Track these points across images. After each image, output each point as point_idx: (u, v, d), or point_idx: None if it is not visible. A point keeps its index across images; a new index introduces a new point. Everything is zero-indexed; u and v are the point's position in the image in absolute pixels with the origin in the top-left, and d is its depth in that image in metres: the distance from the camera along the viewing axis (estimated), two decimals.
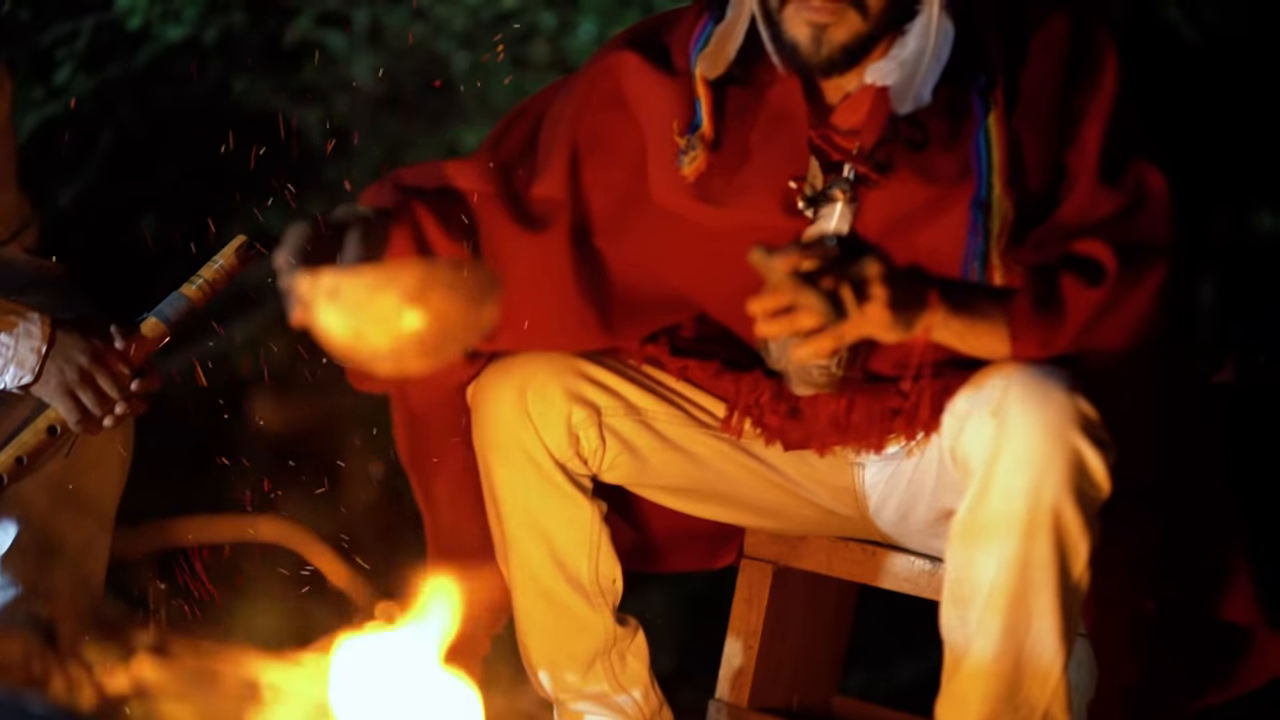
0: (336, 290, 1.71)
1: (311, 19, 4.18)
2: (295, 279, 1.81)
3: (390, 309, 1.70)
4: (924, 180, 2.11)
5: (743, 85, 2.18)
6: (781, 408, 2.26)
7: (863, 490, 2.32)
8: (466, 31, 4.07)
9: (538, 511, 2.27)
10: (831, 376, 2.22)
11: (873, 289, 1.91)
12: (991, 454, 2.00)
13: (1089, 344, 2.06)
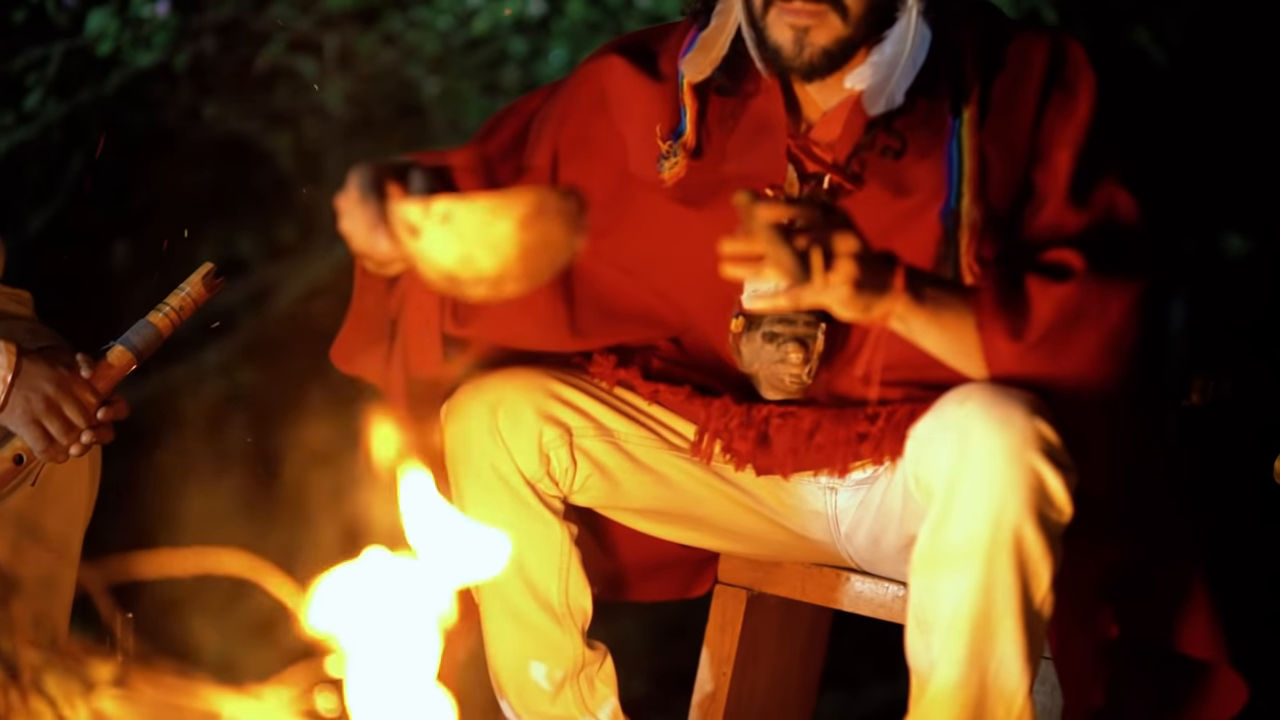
0: (451, 215, 1.78)
1: (282, 45, 4.18)
2: (403, 207, 1.83)
3: (502, 234, 1.78)
4: (897, 190, 2.14)
5: (728, 95, 2.22)
6: (750, 434, 2.26)
7: (835, 516, 2.32)
8: (437, 57, 4.08)
9: (508, 531, 2.26)
10: (801, 384, 2.23)
11: (841, 262, 1.92)
12: (952, 478, 2.00)
13: (1063, 355, 2.05)
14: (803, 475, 2.30)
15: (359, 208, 1.94)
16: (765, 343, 2.22)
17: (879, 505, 2.25)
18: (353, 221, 1.97)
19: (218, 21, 4.07)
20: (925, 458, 2.05)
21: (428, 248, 1.80)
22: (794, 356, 2.21)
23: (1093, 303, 2.05)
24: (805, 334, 2.20)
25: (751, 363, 2.26)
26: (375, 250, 1.95)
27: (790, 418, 2.26)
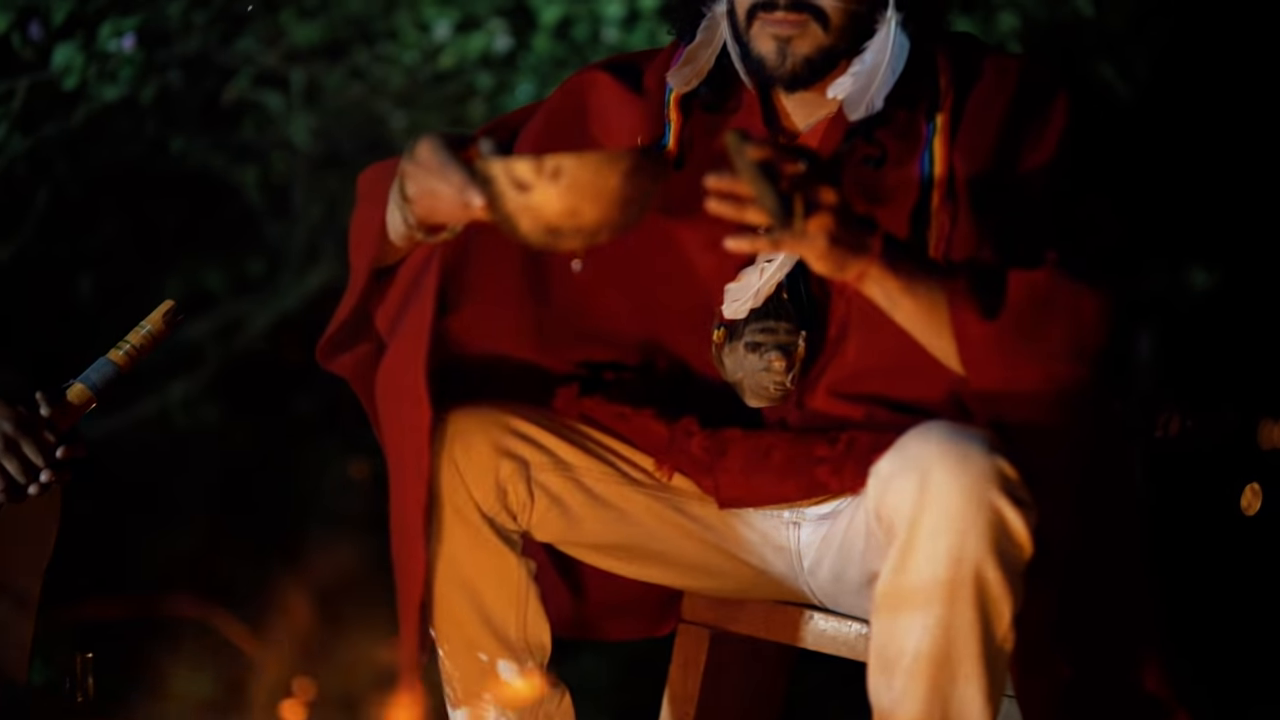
0: (561, 170, 1.89)
1: (249, 79, 4.17)
2: (514, 163, 1.92)
3: (608, 187, 1.90)
4: (874, 198, 2.17)
5: (711, 110, 2.26)
6: (713, 447, 2.27)
7: (797, 551, 2.32)
8: (404, 91, 4.08)
9: (465, 565, 2.26)
10: (785, 390, 2.24)
11: (821, 215, 1.95)
12: (913, 515, 2.01)
13: (1033, 343, 2.06)
14: (766, 509, 2.30)
15: (445, 168, 1.99)
16: (748, 352, 2.24)
17: (841, 541, 2.25)
18: (435, 183, 2.00)
19: (184, 56, 4.07)
20: (887, 495, 2.05)
21: (537, 201, 1.90)
22: (777, 364, 2.23)
23: (1065, 296, 2.07)
24: (787, 342, 2.23)
25: (735, 372, 2.27)
26: (454, 211, 2.00)
27: (751, 438, 2.26)
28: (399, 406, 2.23)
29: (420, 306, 2.20)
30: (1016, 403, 2.10)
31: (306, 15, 4.09)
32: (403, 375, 2.21)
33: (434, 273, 2.19)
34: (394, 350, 2.24)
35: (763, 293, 2.24)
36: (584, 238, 1.96)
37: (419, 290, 2.22)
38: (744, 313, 2.25)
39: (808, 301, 2.25)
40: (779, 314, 2.24)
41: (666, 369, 2.36)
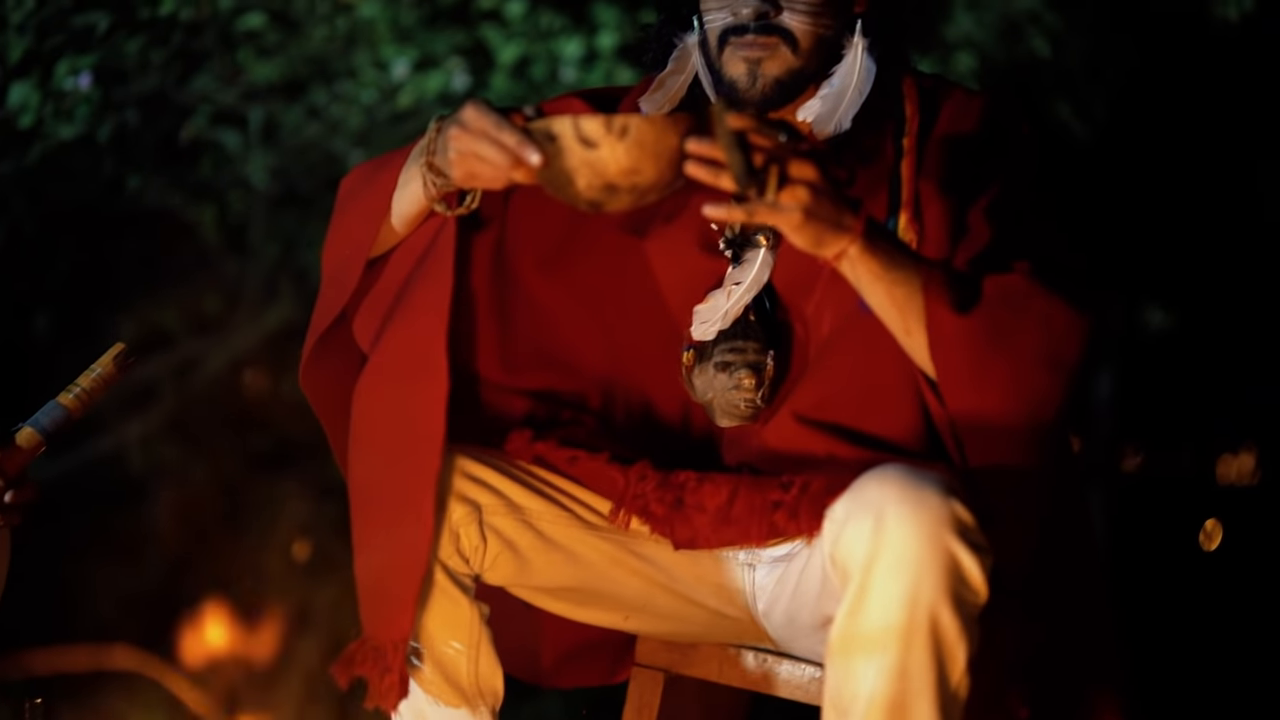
0: (628, 129, 1.95)
1: (206, 117, 4.17)
2: (583, 120, 1.96)
3: (669, 148, 1.96)
4: None
5: None
6: (668, 497, 2.26)
7: (752, 593, 2.31)
8: (362, 131, 4.09)
9: (416, 608, 2.25)
10: (755, 408, 2.24)
11: (797, 189, 1.97)
12: (868, 559, 2.00)
13: (1004, 343, 2.07)
14: (721, 551, 2.29)
15: (500, 128, 2.01)
16: (718, 372, 2.24)
17: (796, 583, 2.24)
18: (482, 144, 2.03)
19: (141, 94, 4.07)
20: (842, 538, 2.04)
21: (602, 157, 1.96)
22: (747, 382, 2.23)
23: (1039, 303, 2.08)
24: (756, 360, 2.23)
25: (705, 393, 2.27)
26: (498, 173, 2.03)
27: (707, 483, 2.26)
28: (404, 389, 2.20)
29: (437, 281, 2.19)
30: (984, 429, 2.11)
31: (265, 54, 4.10)
32: (415, 351, 2.19)
33: (449, 244, 2.19)
34: (397, 333, 2.22)
35: (730, 315, 2.25)
36: (636, 197, 2.00)
37: (431, 266, 2.21)
38: (712, 334, 2.26)
39: (774, 325, 2.26)
40: (747, 335, 2.25)
41: (626, 404, 2.36)
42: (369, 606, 2.23)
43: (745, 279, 2.23)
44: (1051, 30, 4.56)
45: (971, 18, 4.50)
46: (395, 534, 2.20)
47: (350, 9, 4.05)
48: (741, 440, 2.29)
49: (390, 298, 2.26)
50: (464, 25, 4.15)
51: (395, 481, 2.21)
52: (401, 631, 2.19)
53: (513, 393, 2.34)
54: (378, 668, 2.21)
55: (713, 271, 2.24)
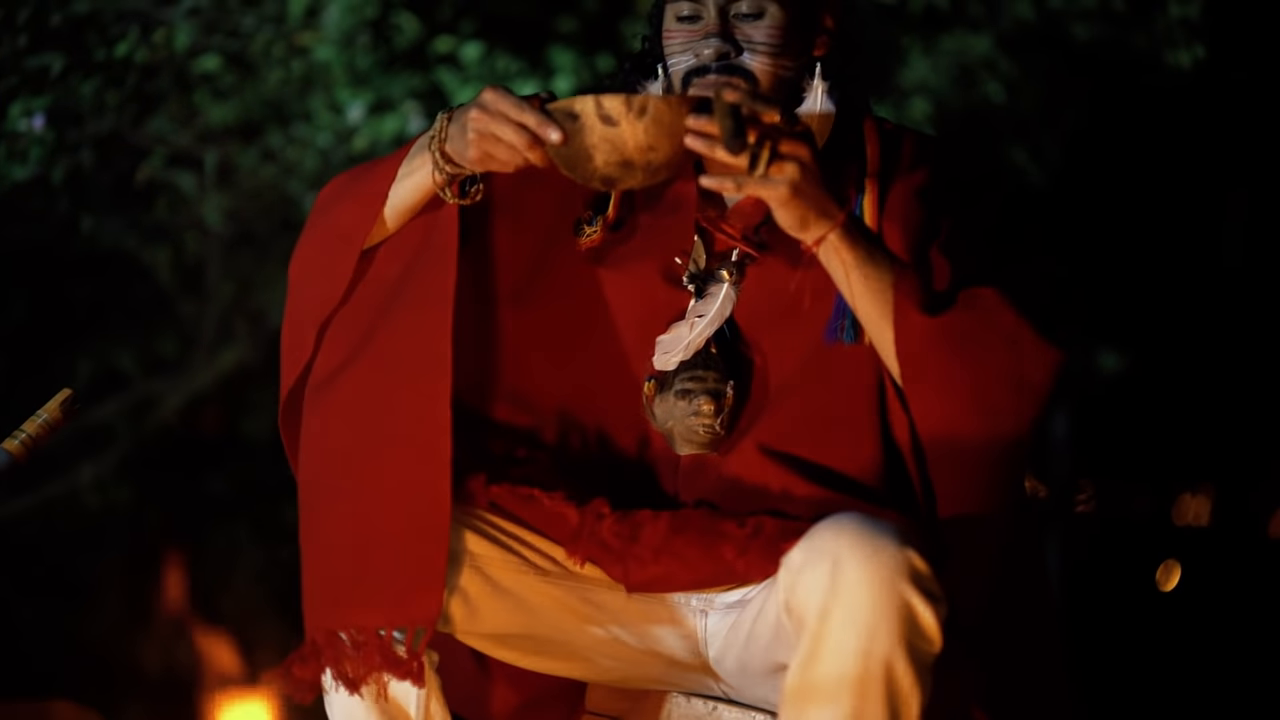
0: (645, 107, 2.03)
1: (162, 159, 4.16)
2: (606, 98, 2.04)
3: (680, 130, 2.04)
4: (803, 261, 2.18)
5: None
6: (623, 532, 2.25)
7: (704, 639, 2.31)
8: (317, 173, 4.08)
9: None
10: (715, 434, 2.24)
11: (787, 165, 2.03)
12: (823, 608, 2.00)
13: (968, 350, 2.10)
14: (674, 596, 2.29)
15: (521, 109, 2.07)
16: (678, 399, 2.25)
17: (750, 630, 2.23)
18: (501, 125, 2.08)
19: (96, 135, 4.05)
20: (798, 586, 2.04)
21: (622, 135, 2.04)
22: (706, 408, 2.24)
23: (1006, 319, 2.11)
24: (716, 388, 2.24)
25: (665, 421, 2.27)
26: (514, 154, 2.08)
27: (661, 520, 2.25)
28: (407, 378, 2.19)
29: (439, 271, 2.20)
30: (946, 447, 2.13)
31: (220, 96, 4.09)
32: (419, 340, 2.19)
33: (453, 234, 2.21)
34: (398, 323, 2.21)
35: (692, 346, 2.26)
36: (648, 175, 2.07)
37: (432, 258, 2.22)
38: (674, 364, 2.27)
39: (735, 357, 2.27)
40: (708, 365, 2.26)
41: (584, 439, 2.35)
42: (374, 598, 2.17)
43: (708, 312, 2.25)
44: (1006, 76, 4.59)
45: (927, 63, 4.52)
46: (404, 517, 2.17)
47: (306, 52, 4.05)
48: (701, 473, 2.29)
49: (380, 294, 2.26)
50: (420, 69, 4.16)
51: (400, 467, 2.18)
52: (431, 611, 2.15)
53: (473, 423, 2.33)
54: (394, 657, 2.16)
55: (676, 305, 2.26)
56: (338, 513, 2.19)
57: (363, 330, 2.25)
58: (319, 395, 2.24)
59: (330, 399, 2.23)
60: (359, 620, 2.15)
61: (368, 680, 2.15)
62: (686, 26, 2.24)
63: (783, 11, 2.22)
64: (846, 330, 2.19)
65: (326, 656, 2.15)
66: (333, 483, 2.20)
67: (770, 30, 2.22)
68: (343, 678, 2.15)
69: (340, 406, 2.23)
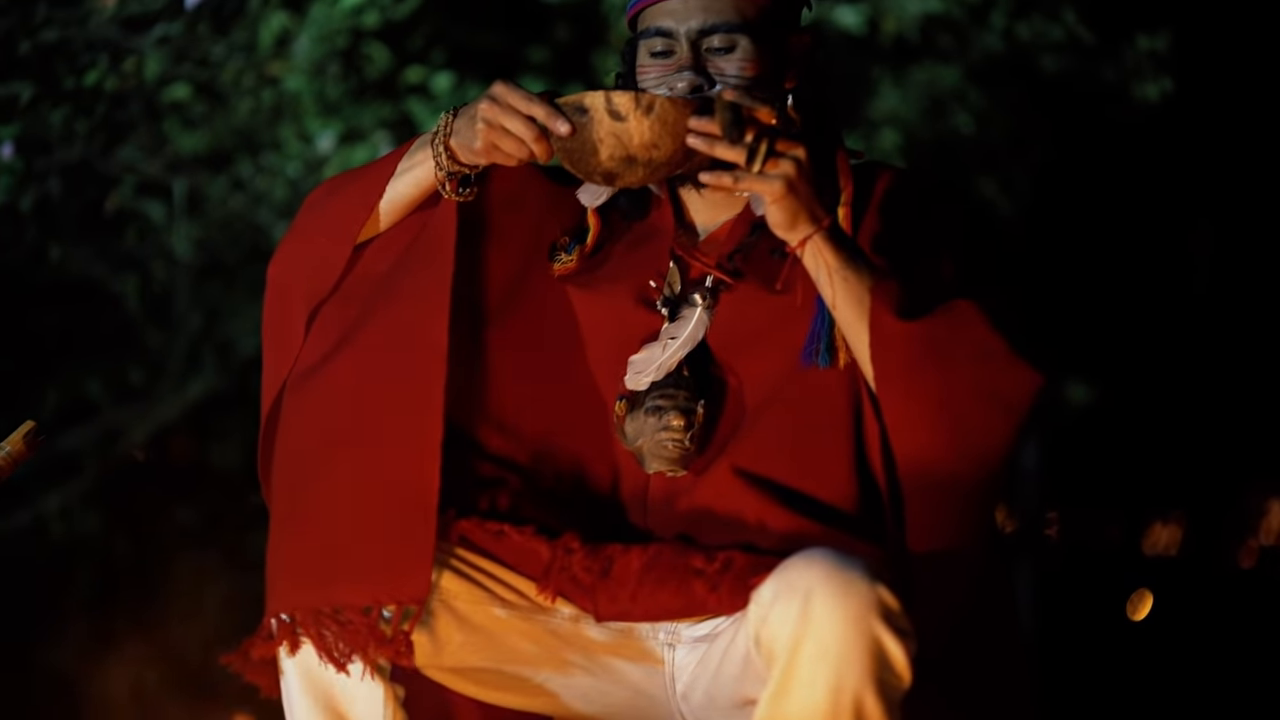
0: (653, 105, 2.11)
1: (131, 188, 4.15)
2: (614, 94, 2.11)
3: (682, 130, 2.11)
4: (776, 287, 2.22)
5: (630, 218, 2.34)
6: (595, 566, 2.25)
7: (672, 673, 2.30)
8: (287, 202, 4.07)
9: (330, 688, 2.21)
10: (684, 450, 2.24)
11: (783, 162, 2.08)
12: (794, 642, 2.00)
13: (940, 358, 2.10)
14: (642, 628, 2.28)
15: (531, 101, 2.14)
16: (648, 416, 2.25)
17: (719, 664, 2.23)
18: (510, 117, 2.14)
19: (65, 164, 4.04)
20: (768, 621, 2.04)
21: (628, 130, 2.12)
22: (675, 423, 2.24)
23: (979, 332, 2.12)
24: (687, 406, 2.25)
25: (635, 438, 2.27)
26: (521, 145, 2.14)
27: (633, 552, 2.25)
28: (401, 364, 2.20)
29: (436, 264, 2.22)
30: (918, 464, 2.13)
31: (190, 125, 4.08)
32: (414, 328, 2.20)
33: (450, 228, 2.23)
34: (391, 311, 2.23)
35: (664, 367, 2.27)
36: (648, 172, 2.15)
37: (428, 252, 2.24)
38: (645, 384, 2.27)
39: (707, 379, 2.27)
40: (679, 384, 2.27)
41: (556, 463, 2.34)
42: (359, 575, 2.17)
43: (681, 334, 2.26)
44: (975, 108, 4.61)
45: (897, 94, 4.54)
46: (393, 497, 2.17)
47: (276, 82, 4.05)
48: (674, 496, 2.28)
49: (368, 287, 2.27)
50: (390, 99, 4.16)
51: (391, 447, 2.19)
52: (420, 590, 2.16)
53: (446, 443, 2.32)
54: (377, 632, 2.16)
55: (650, 328, 2.27)
56: (324, 491, 2.19)
57: (352, 319, 2.27)
58: (307, 379, 2.25)
59: (320, 381, 2.24)
60: (347, 597, 2.15)
61: (353, 658, 2.15)
62: (660, 61, 2.25)
63: (754, 45, 2.24)
64: (822, 354, 2.20)
65: (310, 634, 2.14)
66: (320, 461, 2.20)
67: (742, 63, 2.23)
68: (328, 655, 2.15)
69: (330, 388, 2.23)
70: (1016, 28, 4.66)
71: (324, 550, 2.17)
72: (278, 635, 2.16)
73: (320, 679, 2.20)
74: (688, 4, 2.25)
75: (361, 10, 4.01)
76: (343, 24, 4.01)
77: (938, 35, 4.61)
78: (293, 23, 4.03)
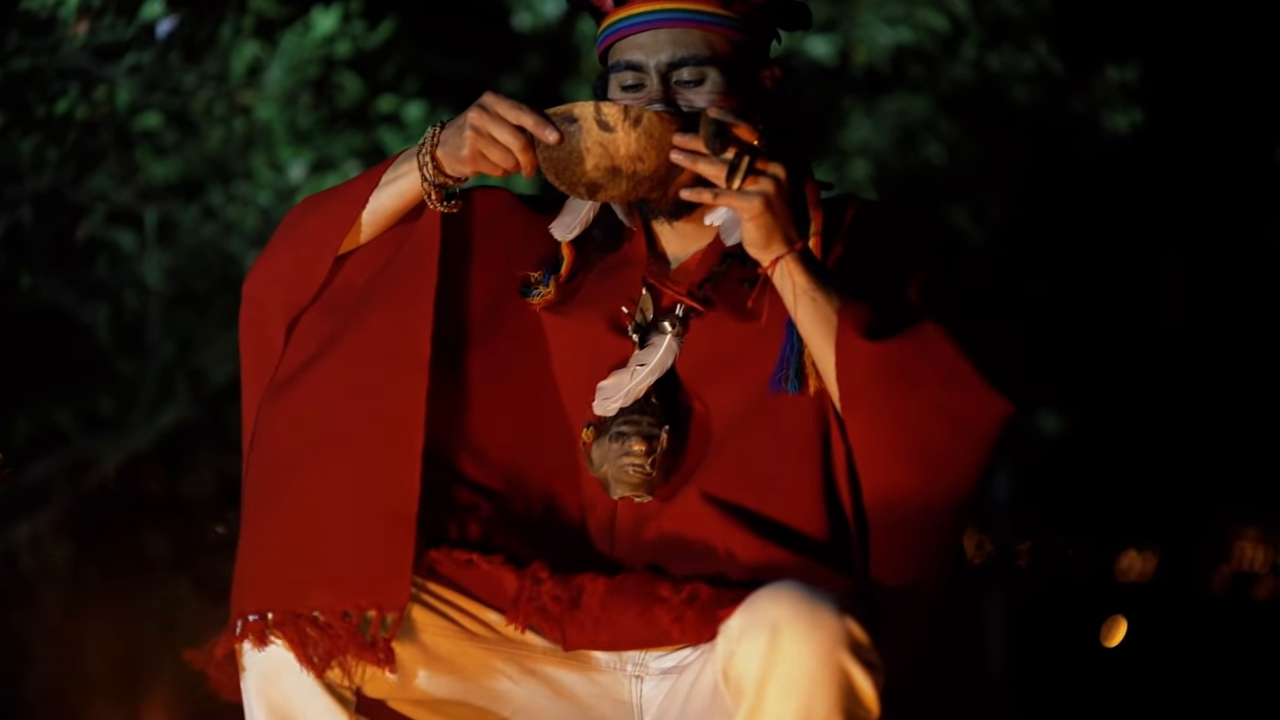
0: (641, 119, 2.13)
1: (102, 216, 4.13)
2: (605, 105, 2.15)
3: (667, 145, 2.14)
4: (746, 314, 2.23)
5: (605, 250, 2.35)
6: (564, 596, 2.24)
7: (639, 705, 2.29)
8: (258, 232, 4.07)
9: (290, 716, 2.20)
10: (646, 475, 2.24)
11: (763, 180, 2.11)
12: (762, 676, 1.99)
13: (906, 380, 2.11)
14: (609, 660, 2.28)
15: (520, 111, 2.16)
16: (612, 442, 2.26)
17: (686, 697, 2.22)
18: (498, 127, 2.16)
19: (36, 192, 4.02)
20: (737, 654, 2.04)
21: (615, 141, 2.15)
22: (637, 448, 2.24)
23: (947, 357, 2.13)
24: (650, 432, 2.26)
25: (600, 464, 2.28)
26: (507, 155, 2.17)
27: (600, 582, 2.24)
28: (382, 372, 2.20)
29: (419, 275, 2.23)
30: (885, 490, 2.13)
31: (161, 154, 4.08)
32: (396, 337, 2.22)
33: (434, 239, 2.24)
34: (374, 320, 2.24)
35: (633, 393, 2.28)
36: (631, 185, 2.17)
37: (411, 264, 2.25)
38: (613, 410, 2.28)
39: (674, 406, 2.28)
40: (644, 410, 2.28)
41: (526, 490, 2.34)
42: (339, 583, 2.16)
43: (650, 361, 2.27)
44: (947, 138, 4.63)
45: (868, 124, 4.55)
46: (374, 504, 2.17)
47: (248, 110, 4.05)
48: (642, 522, 2.28)
49: (348, 299, 2.28)
50: (362, 128, 4.16)
51: (372, 454, 2.19)
52: (400, 597, 2.16)
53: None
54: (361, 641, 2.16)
55: (621, 354, 2.29)
56: (304, 495, 2.19)
57: (333, 328, 2.27)
58: (288, 385, 2.25)
59: (300, 388, 2.24)
60: (327, 601, 2.15)
61: (331, 663, 2.15)
62: (631, 94, 2.27)
63: (723, 77, 2.26)
64: (791, 380, 2.21)
65: (290, 636, 2.14)
66: (299, 466, 2.20)
67: (712, 95, 2.25)
68: (306, 658, 2.15)
69: (311, 395, 2.23)
70: (987, 58, 4.69)
71: (303, 554, 2.17)
72: (243, 633, 2.15)
73: (282, 707, 2.19)
74: (657, 38, 2.27)
75: (333, 40, 4.02)
76: (314, 53, 4.01)
77: (909, 66, 4.63)
78: (264, 52, 4.04)
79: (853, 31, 4.47)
